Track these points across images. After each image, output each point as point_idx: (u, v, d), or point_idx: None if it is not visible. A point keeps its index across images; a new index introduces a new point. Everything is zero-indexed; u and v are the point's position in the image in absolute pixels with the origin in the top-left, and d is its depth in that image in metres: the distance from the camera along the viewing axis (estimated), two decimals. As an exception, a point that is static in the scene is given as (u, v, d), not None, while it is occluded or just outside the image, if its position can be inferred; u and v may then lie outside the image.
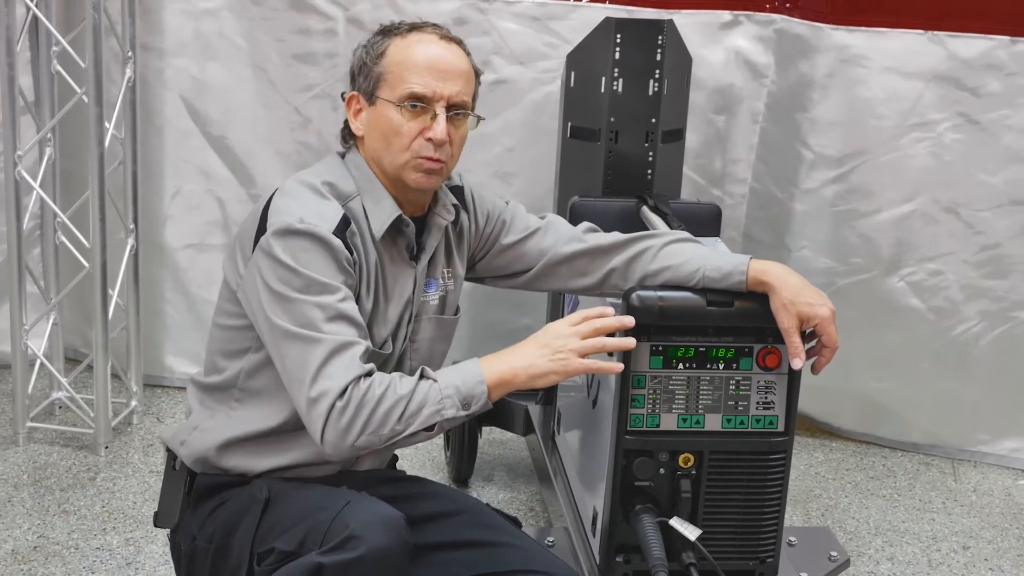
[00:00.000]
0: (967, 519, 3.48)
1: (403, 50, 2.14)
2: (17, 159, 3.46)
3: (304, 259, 2.03)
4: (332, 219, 2.08)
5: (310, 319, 2.02)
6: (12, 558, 3.02)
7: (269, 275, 2.04)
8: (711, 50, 3.69)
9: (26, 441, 3.62)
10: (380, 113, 2.15)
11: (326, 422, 1.99)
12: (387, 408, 1.99)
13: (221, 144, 3.85)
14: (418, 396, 2.02)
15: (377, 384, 2.01)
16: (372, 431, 2.00)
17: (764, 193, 3.81)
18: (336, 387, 1.98)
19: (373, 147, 2.18)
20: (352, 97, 2.20)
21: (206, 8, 3.73)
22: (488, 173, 3.77)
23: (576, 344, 2.07)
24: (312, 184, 2.14)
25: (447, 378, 2.05)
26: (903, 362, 3.78)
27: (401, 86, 2.13)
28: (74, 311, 4.00)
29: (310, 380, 2.00)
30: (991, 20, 3.46)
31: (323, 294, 2.03)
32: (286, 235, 2.04)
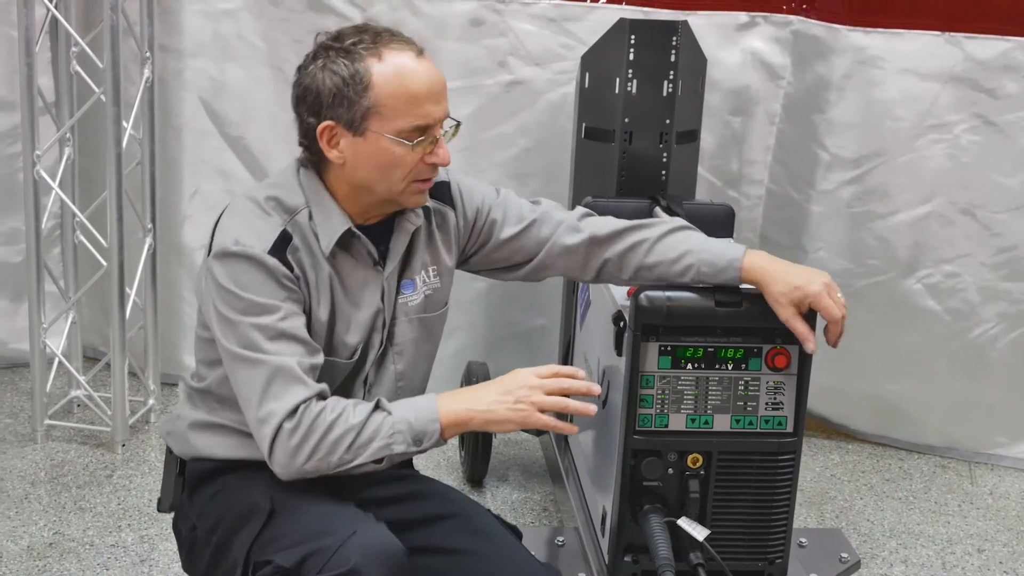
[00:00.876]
0: (982, 522, 3.47)
1: (392, 81, 2.05)
2: (36, 158, 3.49)
3: (243, 281, 2.04)
4: (268, 238, 2.07)
5: (252, 340, 2.03)
6: (28, 554, 3.05)
7: (215, 296, 2.06)
8: (728, 51, 3.68)
9: (44, 439, 3.65)
10: (374, 145, 2.08)
11: (273, 441, 2.02)
12: (337, 436, 2.01)
13: (239, 144, 3.87)
14: (369, 428, 2.02)
15: (329, 410, 2.02)
16: (320, 457, 2.01)
17: (781, 194, 3.81)
18: (283, 408, 2.01)
19: (360, 177, 2.12)
20: (329, 128, 2.08)
21: (225, 9, 3.75)
22: (504, 174, 3.77)
23: (538, 397, 2.06)
24: (255, 199, 2.12)
25: (401, 412, 2.05)
26: (920, 364, 3.77)
27: (402, 120, 2.06)
28: (93, 310, 4.03)
29: (257, 401, 2.03)
30: (1008, 21, 3.44)
31: (262, 315, 2.04)
32: (224, 258, 2.05)
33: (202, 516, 2.21)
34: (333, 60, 2.06)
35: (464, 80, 3.67)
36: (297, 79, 2.13)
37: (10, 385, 4.03)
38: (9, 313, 4.06)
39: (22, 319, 3.86)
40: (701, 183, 3.69)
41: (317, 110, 2.08)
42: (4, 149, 3.86)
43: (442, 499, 2.30)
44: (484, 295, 3.90)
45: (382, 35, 2.09)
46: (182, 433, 2.26)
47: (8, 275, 3.98)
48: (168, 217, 3.89)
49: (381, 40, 2.07)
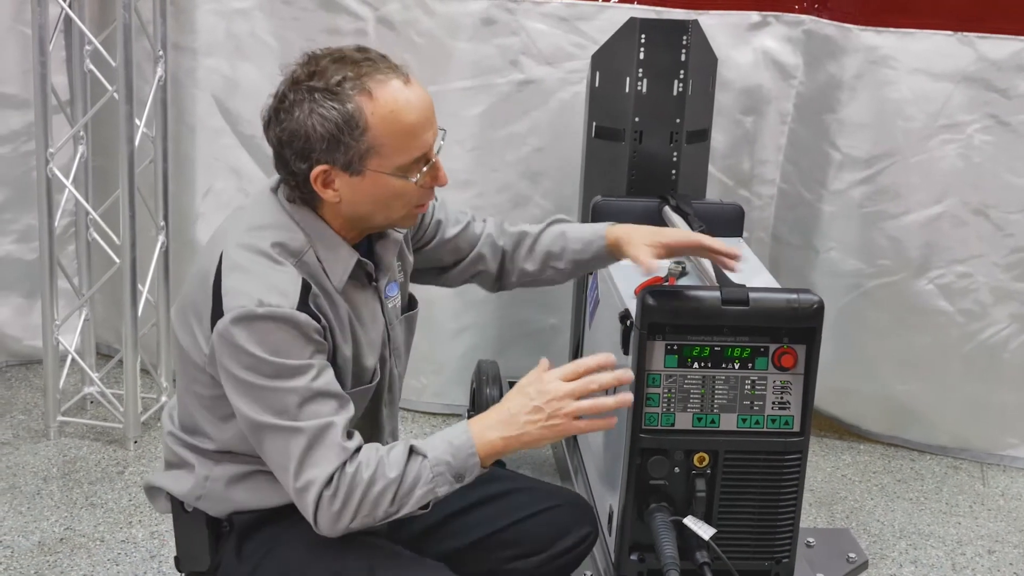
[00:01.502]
0: (993, 523, 3.46)
1: (388, 119, 1.97)
2: (49, 156, 3.51)
3: (270, 344, 1.92)
4: (293, 292, 1.96)
5: (285, 406, 1.93)
6: (38, 549, 3.07)
7: (233, 364, 1.94)
8: (739, 51, 3.68)
9: (57, 435, 3.67)
10: (374, 183, 2.00)
11: (317, 509, 1.94)
12: (378, 492, 1.94)
13: (252, 143, 3.87)
14: (409, 477, 1.95)
15: (364, 466, 1.94)
16: (366, 514, 1.95)
17: (792, 194, 3.80)
18: (322, 476, 1.92)
19: (355, 211, 2.05)
20: (323, 172, 1.98)
21: (238, 8, 3.76)
22: (516, 173, 3.78)
23: (571, 408, 1.97)
24: (260, 249, 1.99)
25: (437, 453, 1.97)
26: (932, 365, 3.76)
27: (402, 156, 2.00)
28: (107, 307, 4.05)
29: (294, 470, 1.94)
30: (1021, 21, 3.43)
31: (295, 377, 1.93)
32: (246, 321, 1.92)
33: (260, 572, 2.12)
34: (320, 104, 1.95)
35: (476, 79, 3.68)
36: (276, 118, 2.00)
37: (24, 382, 4.05)
38: (24, 310, 4.08)
39: (37, 316, 3.88)
40: (713, 182, 3.69)
41: (307, 155, 1.97)
42: (20, 147, 3.88)
43: None
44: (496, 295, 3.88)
45: (363, 66, 1.98)
46: (219, 494, 2.13)
47: (23, 272, 4.00)
48: (181, 215, 3.90)
49: (365, 73, 1.97)
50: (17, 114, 3.84)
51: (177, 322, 2.09)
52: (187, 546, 2.20)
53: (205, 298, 1.99)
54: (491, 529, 2.29)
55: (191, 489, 2.15)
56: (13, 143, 3.88)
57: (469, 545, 2.28)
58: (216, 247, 2.03)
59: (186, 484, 2.15)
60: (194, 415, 2.12)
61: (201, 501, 2.15)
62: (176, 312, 2.10)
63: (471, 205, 3.77)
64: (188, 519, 2.18)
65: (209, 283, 1.98)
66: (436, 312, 3.78)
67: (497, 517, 2.29)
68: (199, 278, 2.03)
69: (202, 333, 2.01)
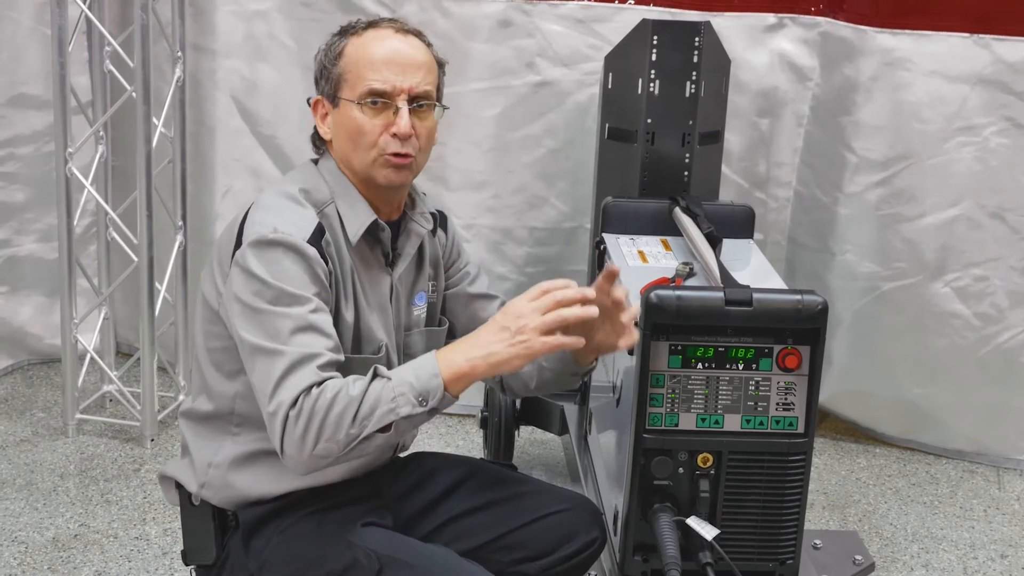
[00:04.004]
0: (1008, 528, 3.44)
1: (359, 48, 2.11)
2: (68, 156, 3.54)
3: (276, 270, 1.99)
4: (307, 228, 2.04)
5: (277, 330, 1.97)
6: (52, 545, 3.10)
7: (242, 289, 2.00)
8: (755, 53, 3.68)
9: (75, 432, 3.71)
10: (344, 114, 2.12)
11: (283, 434, 1.93)
12: (339, 411, 1.91)
13: (271, 144, 3.90)
14: (371, 397, 1.92)
15: (329, 389, 1.92)
16: (328, 437, 1.91)
17: (808, 196, 3.80)
18: (289, 398, 1.92)
19: (341, 149, 2.15)
20: (317, 102, 2.17)
21: (257, 10, 3.79)
22: (532, 175, 3.79)
23: (536, 321, 1.92)
24: (288, 192, 2.11)
25: (401, 375, 1.95)
26: (948, 368, 3.74)
27: (360, 84, 2.09)
28: (128, 307, 4.08)
29: (270, 393, 1.94)
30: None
31: (293, 305, 1.98)
32: (260, 246, 2.00)
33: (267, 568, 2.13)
34: (330, 42, 2.16)
35: (492, 81, 3.69)
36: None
37: (45, 379, 4.09)
38: (45, 309, 4.12)
39: (57, 315, 3.91)
40: (728, 184, 3.69)
41: (316, 82, 2.17)
42: (42, 147, 3.92)
43: (449, 468, 2.37)
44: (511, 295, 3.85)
45: (379, 20, 2.16)
46: (221, 481, 2.15)
47: (44, 271, 4.05)
48: (201, 215, 3.93)
49: (374, 23, 2.15)
50: (39, 115, 3.88)
51: (204, 275, 2.16)
52: (194, 538, 2.22)
53: (230, 240, 2.07)
54: (498, 532, 2.30)
55: (195, 477, 2.17)
56: (35, 143, 3.93)
57: (476, 548, 2.29)
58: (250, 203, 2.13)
59: (191, 473, 2.18)
60: (202, 372, 2.17)
61: (205, 489, 2.17)
62: (204, 271, 2.17)
63: (486, 206, 3.80)
64: (195, 511, 2.20)
65: (236, 225, 2.08)
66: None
67: (504, 520, 2.31)
68: (228, 228, 2.12)
69: (221, 273, 2.09)
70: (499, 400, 3.43)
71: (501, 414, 3.40)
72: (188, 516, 2.22)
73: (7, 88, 3.84)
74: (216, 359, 2.13)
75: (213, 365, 2.14)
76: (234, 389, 2.12)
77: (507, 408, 3.43)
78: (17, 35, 3.81)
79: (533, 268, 3.88)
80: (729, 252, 2.70)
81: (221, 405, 2.14)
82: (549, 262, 3.87)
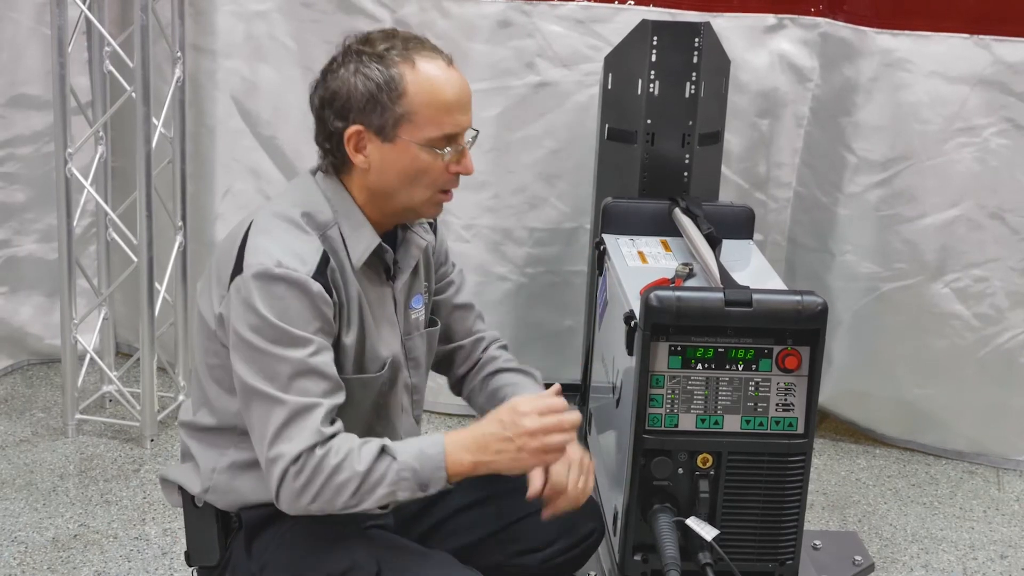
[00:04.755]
0: (1007, 528, 3.44)
1: (426, 88, 2.03)
2: (68, 157, 3.54)
3: (279, 307, 1.97)
4: (311, 260, 2.01)
5: (276, 373, 1.97)
6: (52, 545, 3.10)
7: (241, 321, 1.98)
8: (755, 53, 3.68)
9: (75, 433, 3.71)
10: (402, 152, 2.05)
11: (280, 484, 1.96)
12: (341, 481, 1.96)
13: (271, 144, 3.90)
14: (374, 475, 1.96)
15: (333, 453, 1.96)
16: (326, 500, 1.97)
17: (808, 197, 3.80)
18: (292, 452, 1.95)
19: (382, 183, 2.09)
20: (357, 133, 2.05)
21: (257, 10, 3.79)
22: (532, 175, 3.79)
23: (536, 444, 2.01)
24: (290, 217, 2.06)
25: (407, 458, 1.99)
26: (948, 369, 3.74)
27: (433, 128, 2.04)
28: (128, 307, 4.08)
29: (269, 440, 1.97)
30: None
31: (293, 347, 1.97)
32: (263, 279, 1.97)
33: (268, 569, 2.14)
34: (366, 65, 2.03)
35: (492, 81, 3.69)
36: (323, 81, 2.09)
37: (45, 380, 4.09)
38: (45, 309, 4.12)
39: (58, 315, 3.91)
40: (728, 185, 3.69)
41: (346, 114, 2.04)
42: (42, 147, 3.92)
43: None
44: (512, 296, 3.92)
45: (411, 42, 2.07)
46: (226, 485, 2.15)
47: (45, 272, 4.05)
48: (201, 215, 3.93)
49: (412, 47, 2.06)
50: (39, 115, 3.88)
51: (200, 290, 2.14)
52: (197, 540, 2.22)
53: (228, 261, 2.04)
54: (498, 525, 2.32)
55: (200, 482, 2.17)
56: (35, 144, 3.93)
57: (476, 541, 2.31)
58: (250, 217, 2.09)
59: (195, 477, 2.18)
60: (203, 387, 2.15)
61: (209, 494, 2.17)
62: (201, 283, 2.15)
63: (486, 206, 3.80)
64: (198, 513, 2.20)
65: (236, 245, 2.04)
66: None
67: (504, 513, 2.32)
68: (227, 243, 2.09)
69: (218, 293, 2.06)
70: (499, 401, 3.43)
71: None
72: (191, 518, 2.22)
73: (7, 88, 3.84)
74: (216, 375, 2.12)
75: (214, 380, 2.13)
76: (236, 405, 2.10)
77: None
78: (17, 35, 3.81)
79: (533, 268, 3.88)
80: (729, 253, 2.70)
81: (223, 420, 2.14)
82: (549, 262, 3.88)
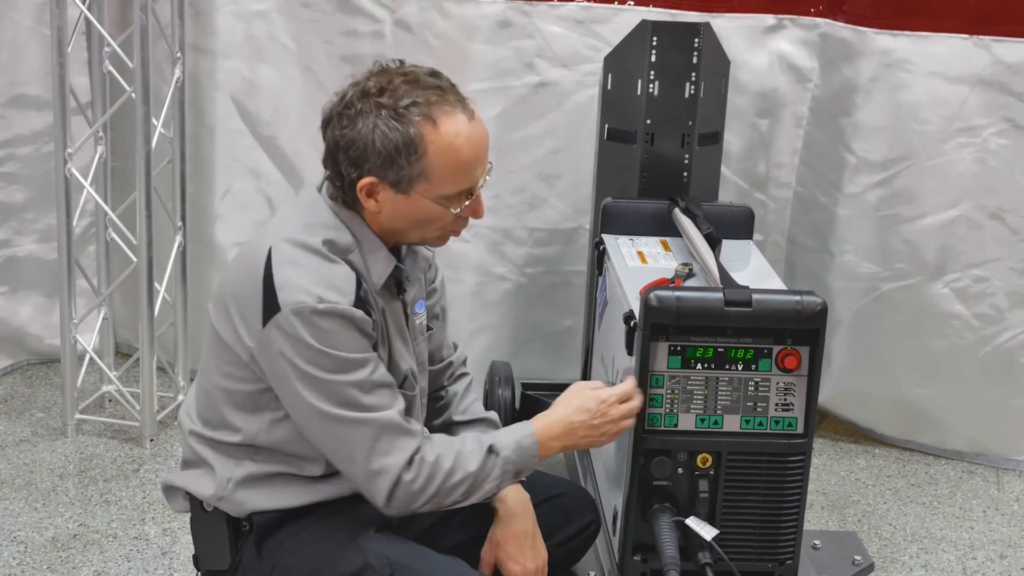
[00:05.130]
0: (1007, 528, 3.44)
1: (446, 151, 2.03)
2: (68, 157, 3.54)
3: (331, 340, 2.00)
4: (349, 289, 2.03)
5: (348, 398, 2.03)
6: (52, 545, 3.10)
7: (294, 356, 2.01)
8: (755, 54, 3.68)
9: (75, 433, 3.71)
10: (416, 204, 2.07)
11: (392, 491, 2.06)
12: (455, 482, 2.09)
13: (271, 144, 3.90)
14: (483, 472, 2.12)
15: (445, 457, 2.08)
16: (438, 500, 2.10)
17: (808, 197, 3.80)
18: (398, 462, 2.05)
19: (392, 224, 2.11)
20: (371, 184, 2.06)
21: (257, 10, 3.79)
22: (531, 175, 3.79)
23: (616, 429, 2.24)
24: (313, 247, 2.05)
25: (507, 453, 2.15)
26: (947, 369, 3.74)
27: (450, 187, 2.06)
28: (127, 307, 4.08)
29: (364, 458, 2.05)
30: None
31: (356, 370, 2.03)
32: (307, 316, 1.99)
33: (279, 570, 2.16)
34: (384, 120, 2.02)
35: (491, 81, 3.69)
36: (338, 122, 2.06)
37: (45, 380, 4.09)
38: (45, 309, 4.12)
39: (57, 315, 3.91)
40: (728, 185, 3.69)
41: (359, 164, 2.05)
42: (41, 147, 3.92)
43: None
44: (511, 295, 3.92)
45: (433, 95, 2.04)
46: (242, 495, 2.16)
47: (44, 272, 4.05)
48: (201, 216, 3.93)
49: (433, 102, 2.03)
50: (39, 115, 3.88)
51: (217, 316, 2.12)
52: (207, 544, 2.23)
53: (253, 293, 2.03)
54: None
55: (213, 491, 2.17)
56: (35, 144, 3.93)
57: (477, 536, 2.32)
58: (263, 242, 2.07)
59: (207, 485, 2.18)
60: (220, 408, 2.15)
61: (223, 502, 2.17)
62: (216, 307, 2.13)
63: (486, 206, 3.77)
64: (208, 518, 2.20)
65: (258, 278, 2.03)
66: (452, 313, 3.78)
67: None
68: (243, 273, 2.07)
69: (246, 327, 2.05)
70: (499, 398, 3.43)
71: (501, 412, 3.41)
72: (201, 523, 2.23)
73: (7, 88, 3.84)
74: (237, 400, 2.13)
75: (233, 405, 2.14)
76: (258, 425, 2.13)
77: (506, 407, 3.44)
78: (17, 35, 3.81)
79: (533, 268, 3.88)
80: (728, 253, 2.70)
81: (244, 438, 2.15)
82: (549, 262, 3.88)
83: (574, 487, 2.55)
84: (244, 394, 2.12)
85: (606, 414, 2.22)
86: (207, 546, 2.23)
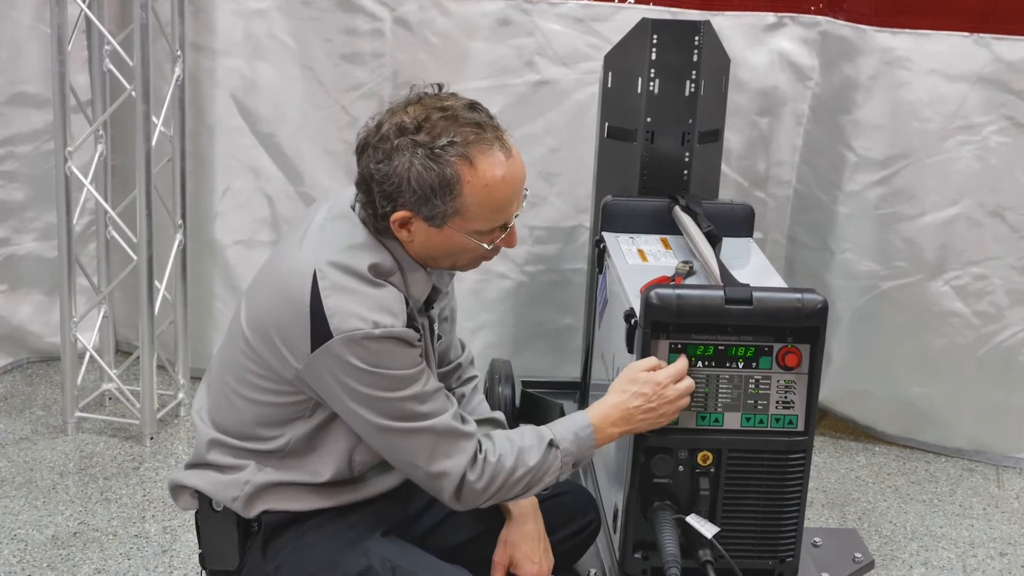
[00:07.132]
0: (1007, 526, 3.44)
1: (482, 191, 2.04)
2: (68, 155, 3.54)
3: (386, 361, 2.03)
4: (400, 311, 2.06)
5: (406, 411, 2.07)
6: (52, 543, 3.10)
7: (349, 379, 2.04)
8: (755, 52, 3.68)
9: (75, 431, 3.71)
10: (450, 238, 2.09)
11: (458, 491, 2.12)
12: (518, 477, 2.15)
13: (271, 142, 3.90)
14: (544, 465, 2.17)
15: (507, 455, 2.14)
16: (501, 495, 2.16)
17: (808, 195, 3.80)
18: (460, 464, 2.10)
19: (425, 252, 2.13)
20: (404, 217, 2.06)
21: (256, 8, 3.79)
22: (532, 174, 3.73)
23: (673, 409, 2.26)
24: (359, 272, 2.06)
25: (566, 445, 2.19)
26: (947, 367, 3.75)
27: (485, 224, 2.08)
28: (127, 305, 4.08)
29: (425, 462, 2.10)
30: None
31: (412, 385, 2.07)
32: (364, 343, 2.01)
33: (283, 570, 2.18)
34: (421, 160, 2.01)
35: (491, 79, 3.70)
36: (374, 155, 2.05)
37: (45, 378, 4.09)
38: (45, 307, 4.12)
39: (57, 313, 3.91)
40: (728, 183, 3.69)
41: (394, 198, 2.05)
42: (41, 146, 3.92)
43: None
44: (512, 294, 3.92)
45: (470, 132, 2.03)
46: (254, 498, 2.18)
47: (44, 270, 4.05)
48: (200, 214, 3.93)
49: (471, 141, 2.02)
50: (39, 113, 3.88)
51: (255, 337, 2.10)
52: (215, 544, 2.23)
53: (299, 320, 2.03)
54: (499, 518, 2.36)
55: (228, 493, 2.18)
56: (35, 142, 3.93)
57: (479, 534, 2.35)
58: (302, 266, 2.06)
59: (222, 487, 2.19)
60: (245, 417, 2.17)
61: (236, 503, 2.18)
62: (253, 327, 2.11)
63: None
64: (217, 518, 2.21)
65: (304, 304, 2.02)
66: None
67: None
68: (285, 298, 2.06)
69: (291, 351, 2.05)
70: (499, 397, 3.43)
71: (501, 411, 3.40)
72: (209, 523, 2.23)
73: (7, 87, 3.84)
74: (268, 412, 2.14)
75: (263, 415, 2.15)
76: (286, 437, 2.16)
77: (506, 405, 3.44)
78: (17, 34, 3.81)
79: (533, 267, 3.88)
80: (729, 251, 2.70)
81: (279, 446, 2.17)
82: (549, 261, 3.88)
83: (574, 486, 2.55)
84: (280, 405, 2.13)
85: (663, 396, 2.23)
86: (216, 546, 2.23)
